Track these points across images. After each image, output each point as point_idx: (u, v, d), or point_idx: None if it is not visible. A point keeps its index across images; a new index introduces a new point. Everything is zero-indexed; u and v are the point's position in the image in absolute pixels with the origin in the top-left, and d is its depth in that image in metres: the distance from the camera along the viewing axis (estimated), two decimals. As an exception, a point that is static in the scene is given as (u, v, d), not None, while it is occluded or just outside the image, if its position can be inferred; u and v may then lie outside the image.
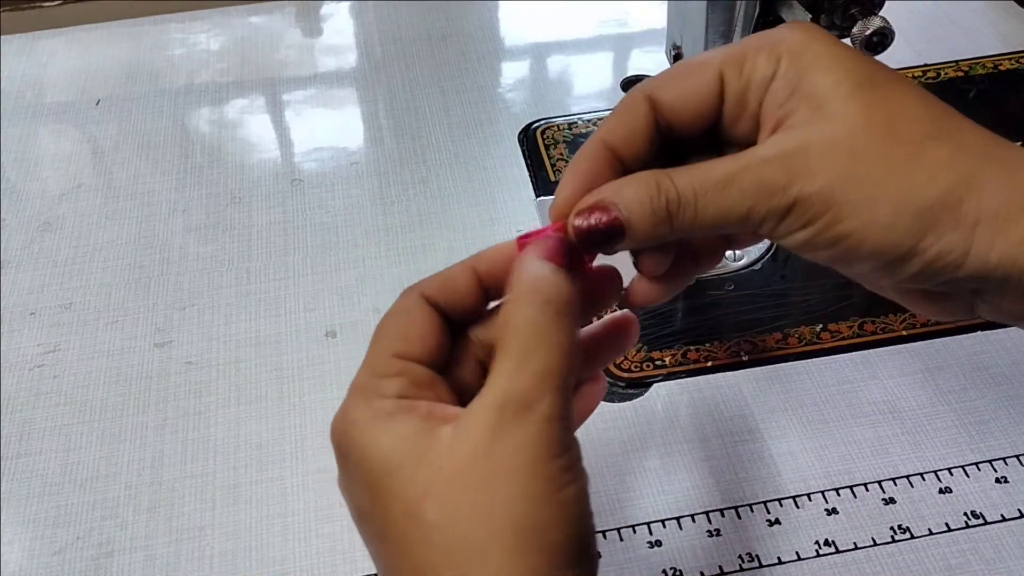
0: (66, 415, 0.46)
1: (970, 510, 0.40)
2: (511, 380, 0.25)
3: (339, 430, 0.27)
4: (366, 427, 0.26)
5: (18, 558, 0.41)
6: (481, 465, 0.24)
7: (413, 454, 0.25)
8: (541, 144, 0.59)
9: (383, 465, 0.25)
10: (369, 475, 0.25)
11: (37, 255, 0.54)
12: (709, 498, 0.41)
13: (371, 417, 0.26)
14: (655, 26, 0.69)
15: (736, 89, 0.27)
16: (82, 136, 0.63)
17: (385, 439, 0.25)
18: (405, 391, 0.26)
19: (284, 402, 0.46)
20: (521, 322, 0.25)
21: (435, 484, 0.24)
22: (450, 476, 0.24)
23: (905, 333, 0.47)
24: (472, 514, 0.24)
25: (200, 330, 0.49)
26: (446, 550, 0.24)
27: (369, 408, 0.26)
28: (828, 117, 0.26)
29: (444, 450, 0.25)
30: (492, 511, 0.24)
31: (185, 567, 0.40)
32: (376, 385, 0.26)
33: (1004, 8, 0.68)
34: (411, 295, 0.28)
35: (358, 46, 0.69)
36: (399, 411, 0.26)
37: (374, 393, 0.26)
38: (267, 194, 0.57)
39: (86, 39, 0.70)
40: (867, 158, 0.25)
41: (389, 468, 0.25)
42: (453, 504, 0.24)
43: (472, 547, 0.24)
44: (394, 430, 0.25)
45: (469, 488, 0.24)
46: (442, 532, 0.24)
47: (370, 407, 0.26)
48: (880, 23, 0.37)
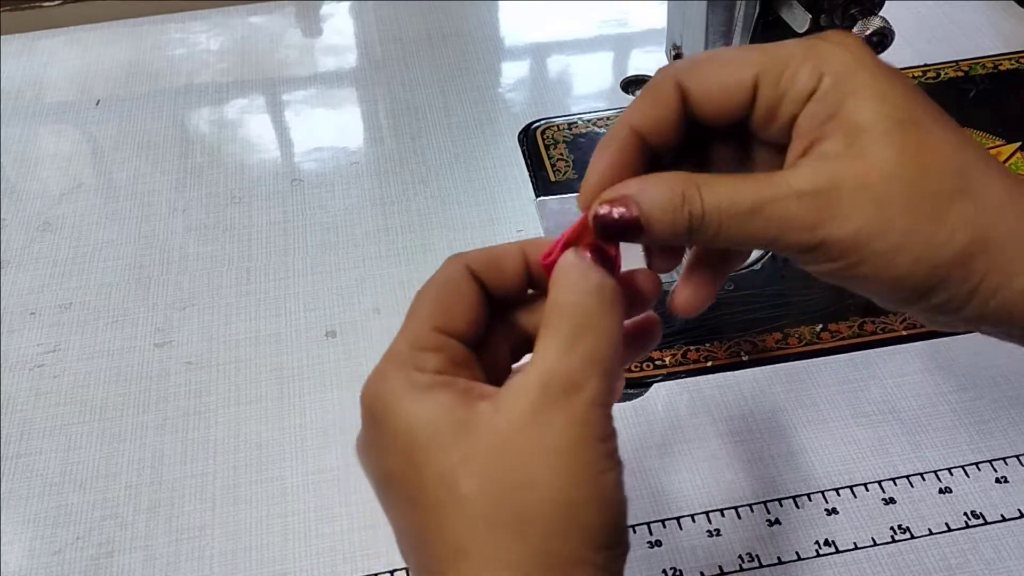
0: (66, 415, 0.46)
1: (970, 510, 0.40)
2: (559, 360, 0.25)
3: (373, 394, 0.26)
4: (404, 396, 0.26)
5: (18, 558, 0.41)
6: (522, 441, 0.24)
7: (452, 424, 0.25)
8: (541, 144, 0.59)
9: (422, 432, 0.25)
10: (405, 441, 0.25)
11: (37, 255, 0.54)
12: (709, 498, 0.41)
13: (409, 387, 0.26)
14: (655, 26, 0.69)
15: (770, 96, 0.27)
16: (82, 136, 0.63)
17: (423, 409, 0.25)
18: (443, 367, 0.26)
19: (284, 402, 0.46)
20: (571, 304, 0.26)
21: (473, 455, 0.24)
22: (489, 448, 0.24)
23: (905, 333, 0.47)
24: (510, 488, 0.24)
25: (200, 330, 0.49)
26: (481, 521, 0.24)
27: (407, 379, 0.26)
28: (863, 154, 0.26)
29: (484, 423, 0.25)
30: (531, 487, 0.24)
31: (185, 567, 0.40)
32: (415, 358, 0.26)
33: (1004, 8, 0.68)
34: (456, 266, 0.28)
35: (358, 46, 0.69)
36: (436, 386, 0.26)
37: (412, 365, 0.26)
38: (267, 194, 0.57)
39: (86, 39, 0.70)
40: (896, 209, 0.25)
41: (428, 435, 0.25)
42: (491, 476, 0.24)
43: (508, 521, 0.24)
44: (433, 401, 0.25)
45: (508, 462, 0.24)
46: (477, 503, 0.24)
47: (408, 378, 0.26)
48: (880, 23, 0.37)
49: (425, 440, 0.25)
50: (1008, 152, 0.56)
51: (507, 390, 0.25)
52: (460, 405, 0.25)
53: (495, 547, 0.24)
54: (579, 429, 0.24)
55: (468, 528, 0.24)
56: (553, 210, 0.54)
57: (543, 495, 0.24)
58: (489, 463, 0.24)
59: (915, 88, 0.27)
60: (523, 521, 0.24)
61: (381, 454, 0.26)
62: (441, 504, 0.24)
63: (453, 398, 0.25)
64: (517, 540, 0.24)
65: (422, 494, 0.25)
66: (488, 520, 0.24)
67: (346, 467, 0.43)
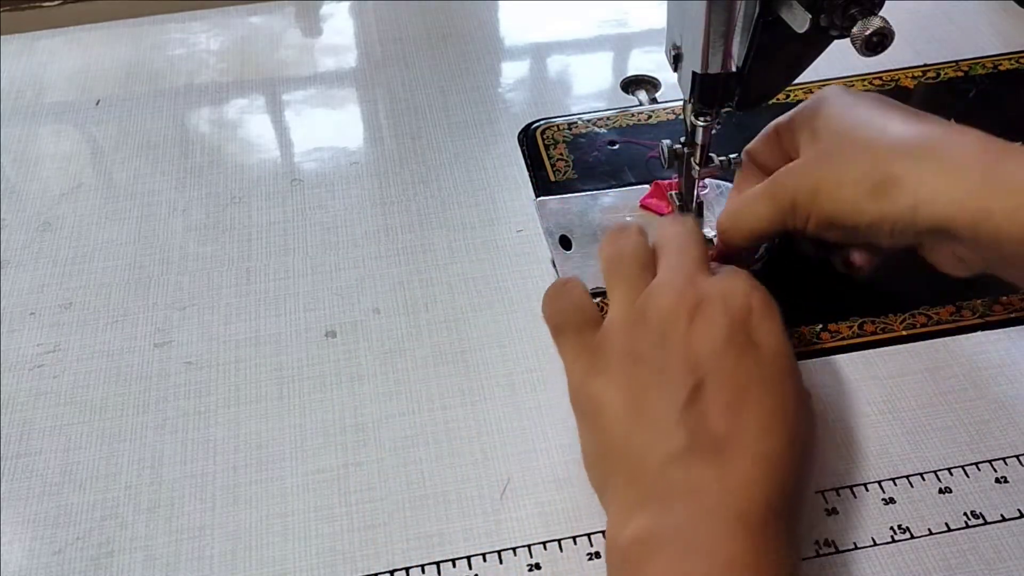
0: (66, 415, 0.46)
1: (970, 510, 0.40)
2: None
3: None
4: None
5: (18, 558, 0.41)
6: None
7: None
8: (541, 144, 0.59)
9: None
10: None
11: (37, 255, 0.54)
12: (709, 498, 0.41)
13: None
14: (655, 26, 0.69)
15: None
16: (82, 136, 0.63)
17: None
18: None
19: (284, 402, 0.46)
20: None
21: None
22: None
23: (905, 333, 0.47)
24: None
25: (200, 330, 0.49)
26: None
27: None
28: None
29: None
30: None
31: (185, 567, 0.40)
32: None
33: (1004, 8, 0.68)
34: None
35: (358, 46, 0.69)
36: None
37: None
38: (267, 194, 0.57)
39: (86, 39, 0.70)
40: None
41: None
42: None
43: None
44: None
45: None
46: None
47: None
48: (880, 23, 0.37)
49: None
50: (1008, 152, 0.56)
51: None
52: None
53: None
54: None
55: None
56: (553, 210, 0.54)
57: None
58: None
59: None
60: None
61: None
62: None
63: None
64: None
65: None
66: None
67: (346, 467, 0.43)
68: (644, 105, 0.62)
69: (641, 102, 0.62)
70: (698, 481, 0.33)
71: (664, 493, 0.33)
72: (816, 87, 0.61)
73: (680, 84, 0.46)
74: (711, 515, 0.32)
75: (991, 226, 0.36)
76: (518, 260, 0.52)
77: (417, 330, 0.49)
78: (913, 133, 0.39)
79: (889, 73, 0.62)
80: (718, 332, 0.36)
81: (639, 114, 0.61)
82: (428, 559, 0.40)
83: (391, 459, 0.43)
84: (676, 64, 0.45)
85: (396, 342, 0.48)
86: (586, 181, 0.56)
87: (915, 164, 0.38)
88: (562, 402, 0.40)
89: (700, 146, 0.47)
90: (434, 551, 0.40)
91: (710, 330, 0.36)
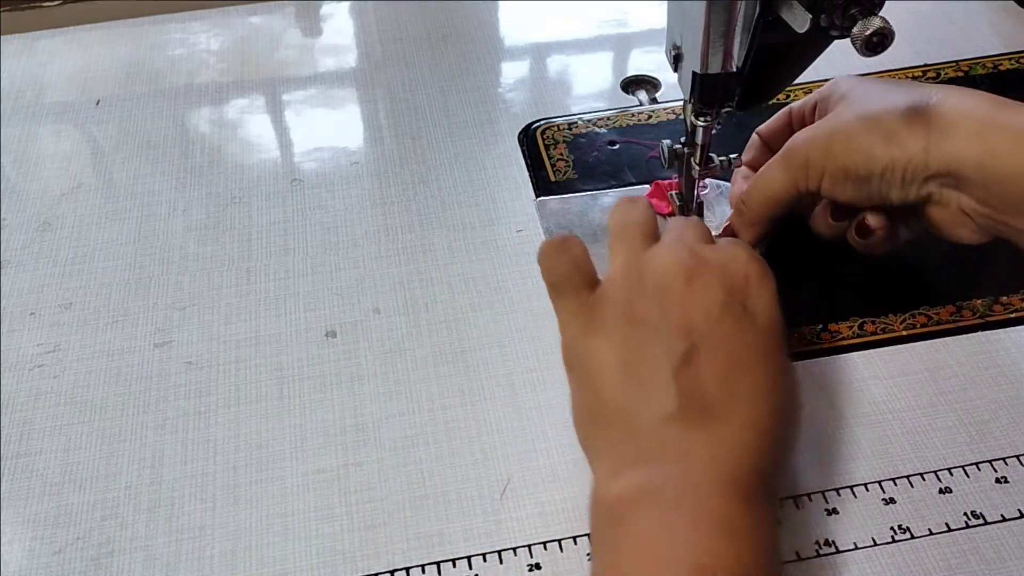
0: (66, 415, 0.46)
1: (970, 510, 0.40)
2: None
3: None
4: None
5: (18, 558, 0.41)
6: None
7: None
8: (541, 144, 0.59)
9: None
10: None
11: (37, 255, 0.54)
12: (709, 498, 0.41)
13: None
14: (655, 26, 0.69)
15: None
16: (82, 136, 0.63)
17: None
18: None
19: (284, 402, 0.46)
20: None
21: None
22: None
23: (905, 333, 0.47)
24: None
25: (200, 330, 0.49)
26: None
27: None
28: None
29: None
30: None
31: (185, 567, 0.40)
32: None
33: (1004, 8, 0.68)
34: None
35: (358, 46, 0.69)
36: None
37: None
38: (267, 194, 0.57)
39: (86, 39, 0.70)
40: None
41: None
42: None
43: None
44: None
45: None
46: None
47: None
48: (880, 23, 0.37)
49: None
50: (1008, 152, 0.56)
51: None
52: None
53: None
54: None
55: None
56: (553, 210, 0.54)
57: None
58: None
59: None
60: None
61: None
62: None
63: None
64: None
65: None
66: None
67: (346, 467, 0.43)
68: (644, 105, 0.62)
69: (641, 102, 0.62)
70: (689, 443, 0.34)
71: (655, 452, 0.34)
72: (816, 87, 0.61)
73: (680, 84, 0.46)
74: (701, 476, 0.33)
75: (996, 164, 0.39)
76: (518, 260, 0.52)
77: (417, 330, 0.49)
78: (922, 90, 0.42)
79: (889, 73, 0.62)
80: (715, 298, 0.36)
81: (639, 114, 0.61)
82: (428, 559, 0.40)
83: (391, 459, 0.43)
84: (676, 64, 0.45)
85: (396, 342, 0.48)
86: (586, 181, 0.56)
87: (924, 112, 0.40)
88: (562, 402, 0.40)
89: (700, 146, 0.47)
90: (434, 551, 0.40)
91: (707, 295, 0.37)
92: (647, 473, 0.33)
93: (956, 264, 0.50)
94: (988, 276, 0.49)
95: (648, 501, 0.33)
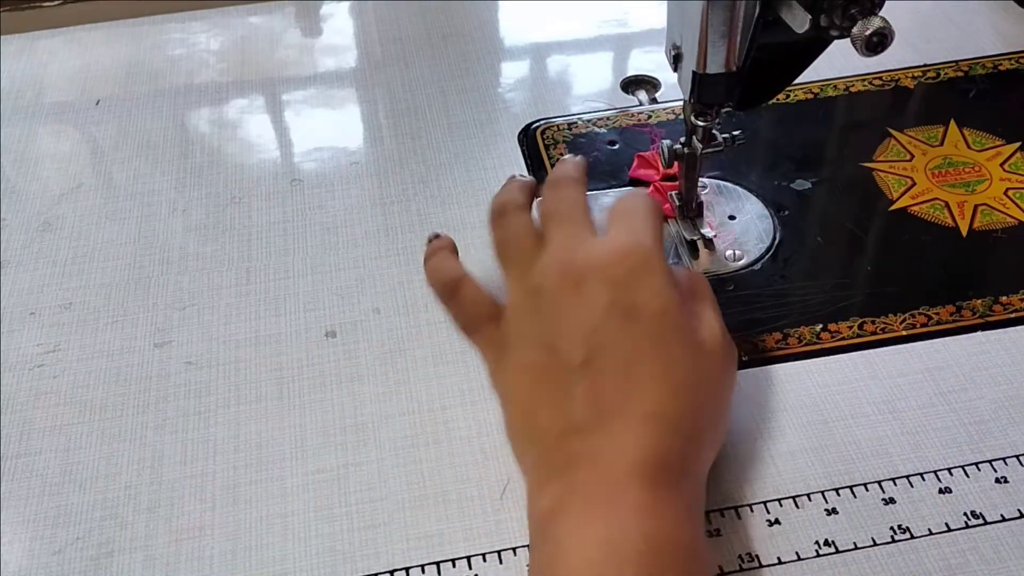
0: (66, 415, 0.46)
1: (970, 510, 0.40)
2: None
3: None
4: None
5: (18, 558, 0.41)
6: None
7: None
8: (541, 144, 0.59)
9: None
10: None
11: (37, 255, 0.54)
12: (709, 498, 0.41)
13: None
14: (655, 26, 0.69)
15: None
16: (82, 136, 0.63)
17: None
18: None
19: (284, 402, 0.46)
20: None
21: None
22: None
23: (905, 333, 0.47)
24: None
25: (200, 330, 0.49)
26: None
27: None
28: None
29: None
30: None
31: (185, 567, 0.40)
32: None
33: (1004, 8, 0.68)
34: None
35: (358, 46, 0.69)
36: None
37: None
38: (267, 194, 0.57)
39: (86, 39, 0.70)
40: None
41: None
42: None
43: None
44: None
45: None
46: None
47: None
48: (880, 23, 0.37)
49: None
50: (1008, 152, 0.56)
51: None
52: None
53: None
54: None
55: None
56: (553, 210, 0.54)
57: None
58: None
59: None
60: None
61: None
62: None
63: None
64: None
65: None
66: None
67: (346, 467, 0.43)
68: (644, 105, 0.62)
69: (641, 102, 0.62)
70: (594, 447, 0.35)
71: (566, 463, 0.35)
72: (816, 87, 0.61)
73: (680, 84, 0.46)
74: (606, 474, 0.34)
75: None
76: (518, 260, 0.52)
77: (417, 330, 0.49)
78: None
79: (889, 73, 0.62)
80: (600, 304, 0.37)
81: (639, 114, 0.61)
82: (428, 559, 0.40)
83: (391, 459, 0.43)
84: (676, 64, 0.45)
85: (396, 342, 0.48)
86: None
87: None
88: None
89: (702, 128, 0.46)
90: (434, 551, 0.40)
91: (593, 303, 0.37)
92: (562, 483, 0.35)
93: (956, 264, 0.50)
94: (988, 276, 0.49)
95: (565, 508, 0.34)
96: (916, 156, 0.56)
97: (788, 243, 0.52)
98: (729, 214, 0.53)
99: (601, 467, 0.35)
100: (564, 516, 0.34)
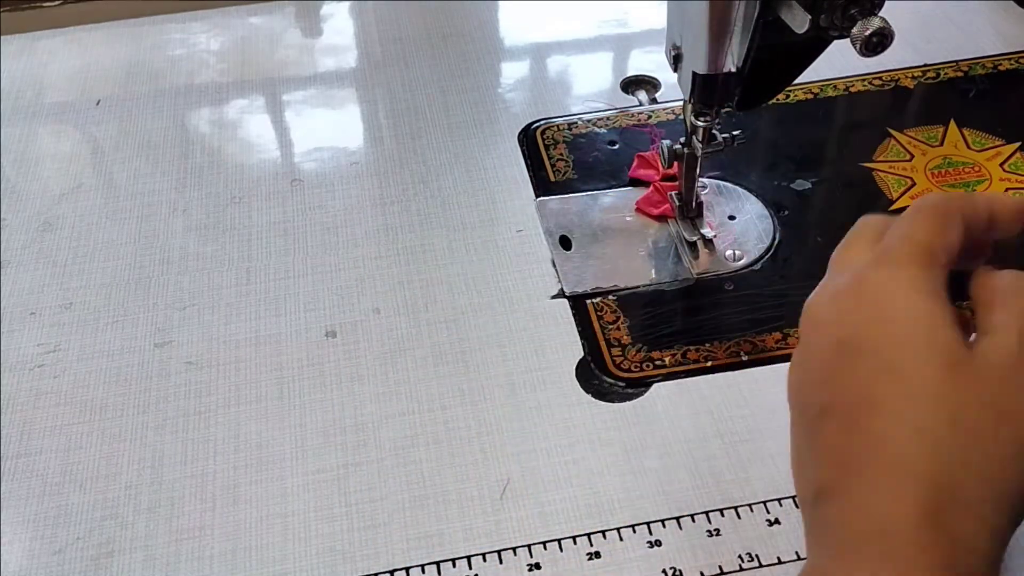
0: (66, 415, 0.46)
1: (970, 510, 0.40)
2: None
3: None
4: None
5: (18, 558, 0.41)
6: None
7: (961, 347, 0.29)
8: (541, 144, 0.59)
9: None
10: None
11: (37, 255, 0.54)
12: (709, 498, 0.41)
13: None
14: (655, 26, 0.69)
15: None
16: (82, 136, 0.63)
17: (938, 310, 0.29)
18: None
19: (284, 402, 0.46)
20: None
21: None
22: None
23: (905, 333, 0.47)
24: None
25: (200, 330, 0.49)
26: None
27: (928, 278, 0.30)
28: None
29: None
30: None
31: (185, 567, 0.40)
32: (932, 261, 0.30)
33: (1004, 8, 0.68)
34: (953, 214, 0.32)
35: (358, 46, 0.69)
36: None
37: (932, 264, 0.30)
38: (267, 194, 0.57)
39: (86, 39, 0.70)
40: None
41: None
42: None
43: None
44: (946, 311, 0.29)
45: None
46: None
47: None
48: (880, 23, 0.37)
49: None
50: (1008, 152, 0.56)
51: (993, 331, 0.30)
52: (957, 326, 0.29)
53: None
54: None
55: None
56: (553, 210, 0.54)
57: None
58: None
59: None
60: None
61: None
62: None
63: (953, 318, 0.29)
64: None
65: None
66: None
67: (346, 467, 0.43)
68: (644, 105, 0.62)
69: (641, 102, 0.62)
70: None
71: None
72: (816, 87, 0.61)
73: (680, 84, 0.46)
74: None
75: None
76: (518, 260, 0.52)
77: (417, 330, 0.49)
78: None
79: (889, 73, 0.62)
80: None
81: (639, 114, 0.61)
82: (428, 559, 0.40)
83: (391, 459, 0.43)
84: (676, 64, 0.45)
85: (396, 342, 0.48)
86: (586, 181, 0.56)
87: None
88: (562, 402, 0.40)
89: (702, 128, 0.46)
90: (434, 551, 0.40)
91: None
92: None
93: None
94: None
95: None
96: (916, 156, 0.56)
97: (788, 243, 0.52)
98: (729, 214, 0.53)
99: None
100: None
